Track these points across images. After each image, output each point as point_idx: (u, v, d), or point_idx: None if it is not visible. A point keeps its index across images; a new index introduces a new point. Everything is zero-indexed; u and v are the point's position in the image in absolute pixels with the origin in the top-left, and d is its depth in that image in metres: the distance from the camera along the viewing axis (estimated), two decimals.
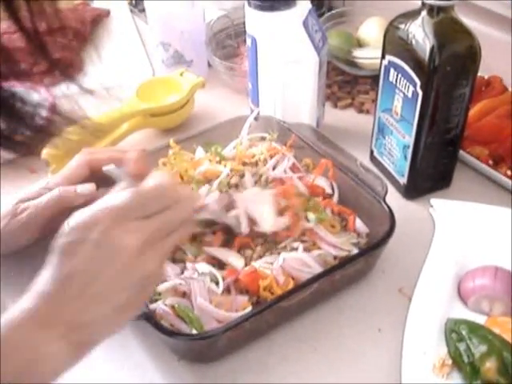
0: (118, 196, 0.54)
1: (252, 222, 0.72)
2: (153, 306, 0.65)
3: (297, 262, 0.69)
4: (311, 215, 0.73)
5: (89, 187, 0.75)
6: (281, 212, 0.73)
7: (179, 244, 0.70)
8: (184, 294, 0.68)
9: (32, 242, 0.75)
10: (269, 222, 0.72)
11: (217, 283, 0.68)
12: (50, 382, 0.51)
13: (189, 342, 0.64)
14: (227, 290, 0.68)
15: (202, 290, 0.66)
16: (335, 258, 0.72)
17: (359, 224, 0.76)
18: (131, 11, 1.38)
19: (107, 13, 1.36)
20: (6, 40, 0.51)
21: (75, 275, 0.51)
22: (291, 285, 0.67)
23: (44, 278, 0.52)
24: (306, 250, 0.71)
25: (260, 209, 0.72)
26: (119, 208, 0.53)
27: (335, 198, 0.79)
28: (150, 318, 0.62)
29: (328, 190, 0.79)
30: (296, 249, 0.71)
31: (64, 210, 0.73)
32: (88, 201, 0.61)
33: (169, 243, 0.56)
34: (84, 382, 0.63)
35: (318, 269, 0.69)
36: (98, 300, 0.52)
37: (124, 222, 0.53)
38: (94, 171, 0.77)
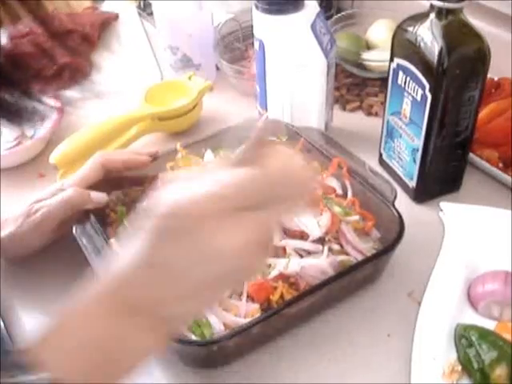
0: (231, 179, 0.45)
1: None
2: None
3: (315, 270, 0.68)
4: (337, 208, 0.73)
5: (102, 197, 0.75)
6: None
7: None
8: None
9: (45, 243, 0.76)
10: (315, 227, 0.71)
11: None
12: (130, 372, 0.46)
13: (197, 348, 0.64)
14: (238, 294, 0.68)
15: None
16: None
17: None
18: (139, 15, 1.38)
19: (116, 16, 1.37)
20: (15, 45, 0.51)
21: (168, 267, 0.45)
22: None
23: (133, 263, 0.45)
24: (331, 251, 0.71)
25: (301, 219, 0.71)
26: (231, 197, 0.44)
27: (349, 196, 0.78)
28: None
29: (339, 191, 0.79)
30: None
31: (76, 211, 0.74)
32: None
33: (273, 232, 0.49)
34: None
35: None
36: (191, 295, 0.46)
37: (233, 214, 0.44)
38: (108, 173, 0.78)
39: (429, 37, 0.73)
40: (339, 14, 1.18)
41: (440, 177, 0.83)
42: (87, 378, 0.43)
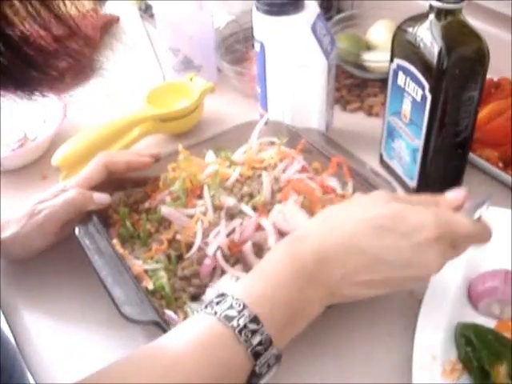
0: (456, 219, 0.58)
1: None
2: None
3: None
4: None
5: (105, 198, 0.76)
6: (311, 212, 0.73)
7: None
8: (194, 295, 0.69)
9: (48, 244, 0.77)
10: None
11: None
12: (306, 324, 0.58)
13: None
14: None
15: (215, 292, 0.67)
16: None
17: None
18: (141, 17, 1.39)
19: (117, 19, 1.37)
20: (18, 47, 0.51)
21: (368, 255, 0.56)
22: None
23: (330, 242, 0.56)
24: None
25: (295, 221, 0.72)
26: (452, 230, 0.57)
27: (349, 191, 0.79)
28: (161, 325, 0.62)
29: (339, 191, 0.79)
30: None
31: (79, 212, 0.75)
32: None
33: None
34: None
35: None
36: (367, 287, 0.57)
37: (444, 243, 0.56)
38: (111, 174, 0.78)
39: (428, 37, 0.73)
40: (339, 15, 1.18)
41: (440, 177, 0.84)
42: (278, 328, 0.53)
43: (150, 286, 0.67)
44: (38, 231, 0.74)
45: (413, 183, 0.84)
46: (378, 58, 1.07)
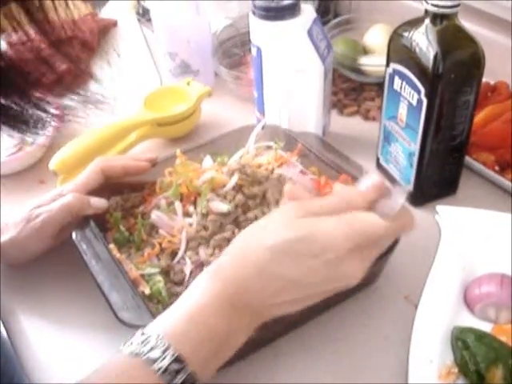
0: (365, 225, 0.55)
1: None
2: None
3: None
4: None
5: (102, 202, 0.76)
6: None
7: None
8: None
9: (45, 248, 0.77)
10: None
11: None
12: (232, 353, 0.56)
13: None
14: None
15: None
16: None
17: None
18: (138, 21, 1.39)
19: (115, 23, 1.38)
20: (14, 52, 0.52)
21: (286, 280, 0.54)
22: None
23: (245, 268, 0.55)
24: None
25: None
26: (363, 239, 0.55)
27: None
28: None
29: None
30: None
31: (76, 217, 0.75)
32: None
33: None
34: None
35: None
36: (289, 304, 0.56)
37: (359, 251, 0.55)
38: (108, 178, 0.79)
39: (424, 42, 0.73)
40: (336, 20, 1.19)
41: (436, 180, 0.84)
42: (202, 363, 0.52)
43: (147, 291, 0.67)
44: (36, 235, 0.75)
45: (409, 187, 0.84)
46: (374, 62, 1.07)
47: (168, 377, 0.49)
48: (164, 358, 0.50)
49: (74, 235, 0.73)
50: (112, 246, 0.72)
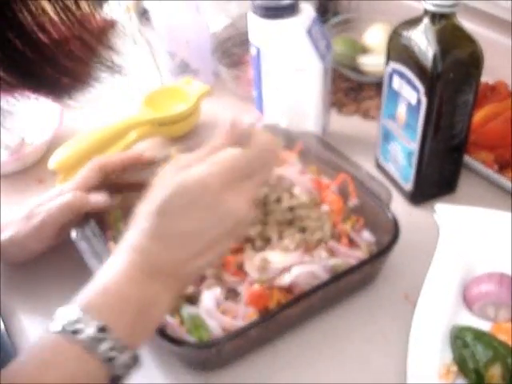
0: (223, 159, 0.57)
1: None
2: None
3: (309, 276, 0.69)
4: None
5: (102, 197, 0.76)
6: None
7: None
8: (190, 298, 0.69)
9: (45, 247, 0.77)
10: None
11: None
12: (156, 327, 0.58)
13: (195, 351, 0.64)
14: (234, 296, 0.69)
15: (211, 296, 0.67)
16: None
17: (365, 233, 0.76)
18: (138, 20, 1.39)
19: (114, 23, 1.38)
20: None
21: (182, 235, 0.56)
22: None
23: (144, 235, 0.56)
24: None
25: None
26: (228, 172, 0.56)
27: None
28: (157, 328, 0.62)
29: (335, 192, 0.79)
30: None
31: (76, 215, 0.75)
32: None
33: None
34: None
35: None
36: (202, 256, 0.57)
37: (232, 184, 0.56)
38: (107, 175, 0.79)
39: (423, 41, 0.74)
40: (335, 19, 1.19)
41: (436, 179, 0.84)
42: (127, 330, 0.53)
43: None
44: (35, 234, 0.75)
45: (408, 186, 0.84)
46: (373, 62, 1.07)
47: (95, 346, 0.50)
48: (88, 330, 0.50)
49: (73, 234, 0.73)
50: (112, 244, 0.72)
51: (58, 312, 0.53)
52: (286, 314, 0.66)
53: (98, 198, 0.76)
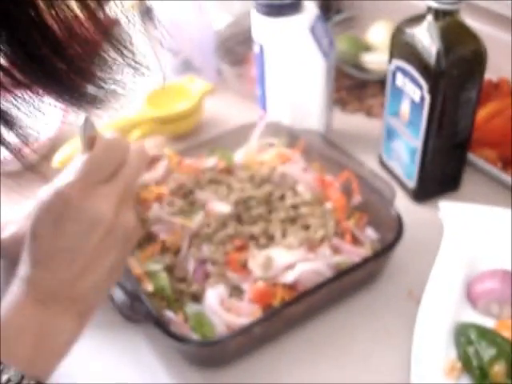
0: (73, 169, 0.56)
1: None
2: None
3: (313, 273, 0.69)
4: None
5: None
6: None
7: None
8: (194, 296, 0.69)
9: None
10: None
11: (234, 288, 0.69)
12: (65, 354, 0.54)
13: (199, 348, 0.64)
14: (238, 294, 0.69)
15: (215, 293, 0.67)
16: None
17: (369, 230, 0.76)
18: (141, 19, 1.39)
19: (117, 21, 1.38)
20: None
21: (60, 254, 0.53)
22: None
23: (26, 264, 0.54)
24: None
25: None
26: (81, 179, 0.55)
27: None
28: (161, 324, 0.62)
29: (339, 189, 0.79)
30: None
31: None
32: None
33: (133, 194, 0.60)
34: None
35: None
36: (89, 270, 0.54)
37: (90, 191, 0.54)
38: None
39: (426, 38, 0.74)
40: (338, 17, 1.19)
41: (439, 177, 0.84)
42: (30, 362, 0.50)
43: (151, 288, 0.68)
44: None
45: (412, 183, 0.84)
46: (376, 59, 1.07)
47: None
48: None
49: None
50: None
51: None
52: (290, 311, 0.66)
53: None
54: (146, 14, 1.38)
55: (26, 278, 0.54)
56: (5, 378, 0.48)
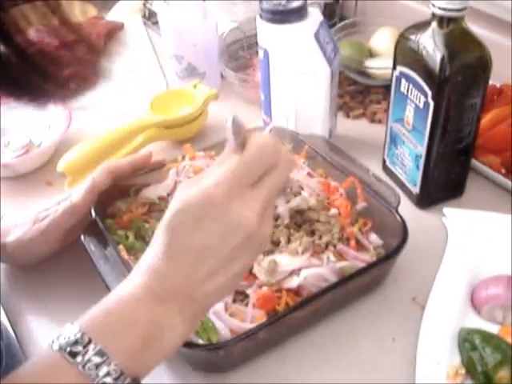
0: (225, 168, 0.53)
1: None
2: None
3: (317, 278, 0.69)
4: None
5: None
6: None
7: None
8: None
9: (53, 250, 0.77)
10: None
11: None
12: (168, 355, 0.53)
13: (204, 353, 0.65)
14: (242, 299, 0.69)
15: None
16: None
17: (373, 236, 0.76)
18: (144, 24, 1.40)
19: (121, 26, 1.38)
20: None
21: (194, 250, 0.52)
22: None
23: (156, 256, 0.53)
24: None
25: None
26: (229, 181, 0.53)
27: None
28: None
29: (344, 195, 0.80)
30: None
31: (82, 219, 0.75)
32: None
33: (273, 204, 0.59)
34: None
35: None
36: (217, 274, 0.53)
37: (237, 193, 0.53)
38: (117, 179, 0.79)
39: (431, 45, 0.74)
40: (342, 23, 1.19)
41: (443, 183, 0.84)
42: (127, 356, 0.49)
43: None
44: (41, 237, 0.75)
45: (416, 189, 0.85)
46: (380, 65, 1.07)
47: (91, 370, 0.48)
48: (86, 352, 0.48)
49: (82, 236, 0.74)
50: (121, 247, 0.73)
51: (61, 329, 0.51)
52: (295, 316, 0.66)
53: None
54: (150, 18, 1.39)
55: (151, 269, 0.53)
56: (104, 370, 0.48)
